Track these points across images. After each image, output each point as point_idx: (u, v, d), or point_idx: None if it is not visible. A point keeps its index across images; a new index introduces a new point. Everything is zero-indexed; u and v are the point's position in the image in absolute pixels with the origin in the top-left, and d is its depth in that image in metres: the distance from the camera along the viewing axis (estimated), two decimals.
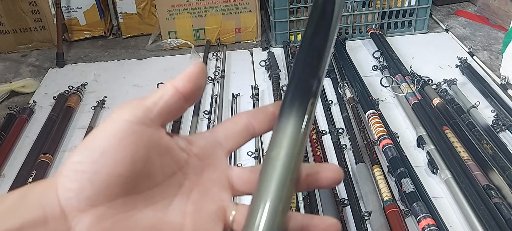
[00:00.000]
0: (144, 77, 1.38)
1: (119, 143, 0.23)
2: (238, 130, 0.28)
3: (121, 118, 0.24)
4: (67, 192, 0.23)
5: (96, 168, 0.23)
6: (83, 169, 0.23)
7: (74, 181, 0.23)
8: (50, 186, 0.24)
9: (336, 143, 1.00)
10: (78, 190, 0.23)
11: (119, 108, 0.25)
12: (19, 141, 1.12)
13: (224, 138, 0.29)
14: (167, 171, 0.26)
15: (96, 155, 0.23)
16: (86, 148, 0.24)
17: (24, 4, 1.53)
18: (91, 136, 0.24)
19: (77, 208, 0.23)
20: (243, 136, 0.29)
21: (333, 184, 0.27)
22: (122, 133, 0.24)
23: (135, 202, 0.25)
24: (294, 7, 1.43)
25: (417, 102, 1.09)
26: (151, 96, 0.26)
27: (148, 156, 0.25)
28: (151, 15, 1.62)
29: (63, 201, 0.23)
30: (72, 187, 0.23)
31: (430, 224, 0.77)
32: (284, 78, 1.28)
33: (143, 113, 0.25)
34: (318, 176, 0.27)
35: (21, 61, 1.56)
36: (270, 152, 0.26)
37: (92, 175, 0.23)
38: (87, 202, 0.23)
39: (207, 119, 1.12)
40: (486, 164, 0.90)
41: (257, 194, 0.25)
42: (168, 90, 0.26)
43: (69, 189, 0.23)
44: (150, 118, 0.25)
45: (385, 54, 1.33)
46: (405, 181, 0.86)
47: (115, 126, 0.24)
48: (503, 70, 1.23)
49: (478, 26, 1.57)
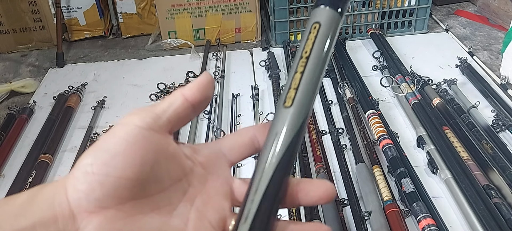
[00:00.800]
0: (144, 77, 1.38)
1: (130, 147, 0.24)
2: (243, 143, 0.29)
3: (132, 123, 0.25)
4: (77, 193, 0.24)
5: (107, 170, 0.24)
6: (94, 171, 0.24)
7: (84, 183, 0.24)
8: (60, 187, 0.24)
9: (336, 143, 1.00)
10: (88, 191, 0.23)
11: (130, 114, 0.26)
12: (19, 141, 1.12)
13: (228, 149, 0.29)
14: (173, 177, 0.27)
15: (106, 158, 0.24)
16: (97, 150, 0.24)
17: (24, 4, 1.53)
18: (102, 139, 0.24)
19: (86, 209, 0.23)
20: (248, 149, 0.29)
21: (325, 202, 0.28)
22: (132, 138, 0.24)
23: (142, 206, 0.25)
24: (294, 7, 1.43)
25: (417, 102, 1.09)
26: (161, 104, 0.27)
27: (156, 161, 0.25)
28: (151, 15, 1.62)
29: (73, 201, 0.24)
30: (82, 188, 0.24)
31: (430, 224, 0.77)
32: (284, 78, 1.28)
33: (153, 120, 0.26)
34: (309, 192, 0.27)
35: (21, 61, 1.56)
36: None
37: (102, 177, 0.23)
38: (96, 203, 0.23)
39: (207, 119, 1.12)
40: (486, 164, 0.90)
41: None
42: (177, 99, 0.27)
43: (79, 190, 0.24)
44: (160, 124, 0.26)
45: (385, 54, 1.33)
46: (405, 181, 0.86)
47: (126, 131, 0.25)
48: (503, 70, 1.23)
49: (478, 26, 1.57)
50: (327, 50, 0.28)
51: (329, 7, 0.28)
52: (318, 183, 0.27)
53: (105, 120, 1.19)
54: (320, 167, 0.92)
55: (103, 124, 1.17)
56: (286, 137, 0.26)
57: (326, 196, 0.27)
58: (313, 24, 0.28)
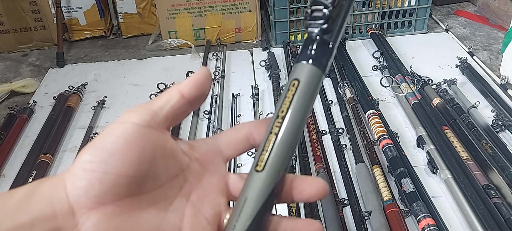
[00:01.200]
0: (144, 77, 1.38)
1: (128, 145, 0.24)
2: (240, 138, 0.30)
3: (130, 121, 0.25)
4: (76, 189, 0.24)
5: (106, 168, 0.24)
6: (93, 168, 0.24)
7: (83, 179, 0.24)
8: (59, 183, 0.24)
9: (336, 143, 1.00)
10: (87, 188, 0.24)
11: (128, 111, 0.26)
12: (19, 141, 1.12)
13: (225, 145, 0.30)
14: (170, 173, 0.27)
15: (105, 156, 0.24)
16: (96, 148, 0.24)
17: (25, 4, 1.53)
18: (101, 137, 0.25)
19: (85, 206, 0.24)
20: (244, 145, 0.30)
21: (317, 199, 0.28)
22: (131, 136, 0.25)
23: (140, 202, 0.25)
24: (294, 7, 1.43)
25: (417, 102, 1.09)
26: (158, 101, 0.27)
27: (154, 158, 0.26)
28: (151, 14, 1.62)
29: (72, 198, 0.24)
30: (81, 185, 0.24)
31: (430, 224, 0.77)
32: (284, 78, 1.28)
33: (150, 117, 0.26)
34: (302, 190, 0.28)
35: (22, 61, 1.56)
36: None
37: (102, 174, 0.24)
38: (95, 200, 0.24)
39: (207, 119, 1.12)
40: (486, 164, 0.90)
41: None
42: (174, 96, 0.27)
43: (78, 187, 0.24)
44: (157, 121, 0.26)
45: (385, 54, 1.33)
46: (405, 181, 0.86)
47: (124, 129, 0.25)
48: (503, 70, 1.23)
49: (478, 26, 1.57)
50: (305, 109, 0.26)
51: (311, 64, 0.26)
52: (311, 181, 0.28)
53: (106, 119, 1.19)
54: (320, 166, 0.92)
55: (103, 124, 1.17)
56: (254, 205, 0.26)
57: (318, 193, 0.27)
58: (292, 81, 0.27)
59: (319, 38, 0.27)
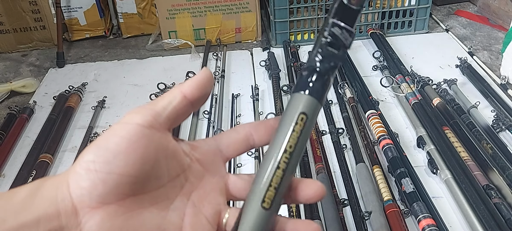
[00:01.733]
0: (144, 77, 1.38)
1: (131, 146, 0.25)
2: (239, 139, 0.30)
3: (133, 121, 0.25)
4: (79, 189, 0.24)
5: (109, 168, 0.24)
6: (96, 168, 0.24)
7: (87, 180, 0.24)
8: (62, 182, 0.25)
9: (336, 143, 1.00)
10: (91, 188, 0.24)
11: (131, 112, 0.26)
12: (19, 141, 1.12)
13: (225, 145, 0.30)
14: (171, 173, 0.27)
15: (109, 156, 0.24)
16: (99, 148, 0.25)
17: (24, 4, 1.53)
18: (104, 138, 0.25)
19: (89, 205, 0.24)
20: (243, 146, 0.30)
21: (315, 201, 0.29)
22: (134, 136, 0.25)
23: (142, 201, 0.26)
24: (294, 7, 1.43)
25: (417, 102, 1.09)
26: (160, 102, 0.27)
27: (156, 158, 0.26)
28: (151, 14, 1.62)
29: (76, 197, 0.24)
30: (84, 185, 0.24)
31: (430, 224, 0.77)
32: (284, 78, 1.28)
33: (153, 118, 0.26)
34: (300, 191, 0.28)
35: (21, 60, 1.56)
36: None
37: (105, 174, 0.24)
38: (99, 199, 0.24)
39: (207, 119, 1.12)
40: (486, 164, 0.90)
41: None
42: (176, 97, 0.27)
43: (82, 186, 0.24)
44: (160, 122, 0.26)
45: (385, 54, 1.33)
46: (405, 181, 0.86)
47: (127, 129, 0.25)
48: (503, 70, 1.23)
49: (478, 26, 1.57)
50: (306, 143, 0.26)
51: (314, 98, 0.26)
52: (310, 183, 0.28)
53: (105, 119, 1.19)
54: (320, 167, 0.92)
55: (103, 124, 1.17)
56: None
57: (316, 196, 0.28)
58: (300, 115, 0.26)
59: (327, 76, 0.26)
